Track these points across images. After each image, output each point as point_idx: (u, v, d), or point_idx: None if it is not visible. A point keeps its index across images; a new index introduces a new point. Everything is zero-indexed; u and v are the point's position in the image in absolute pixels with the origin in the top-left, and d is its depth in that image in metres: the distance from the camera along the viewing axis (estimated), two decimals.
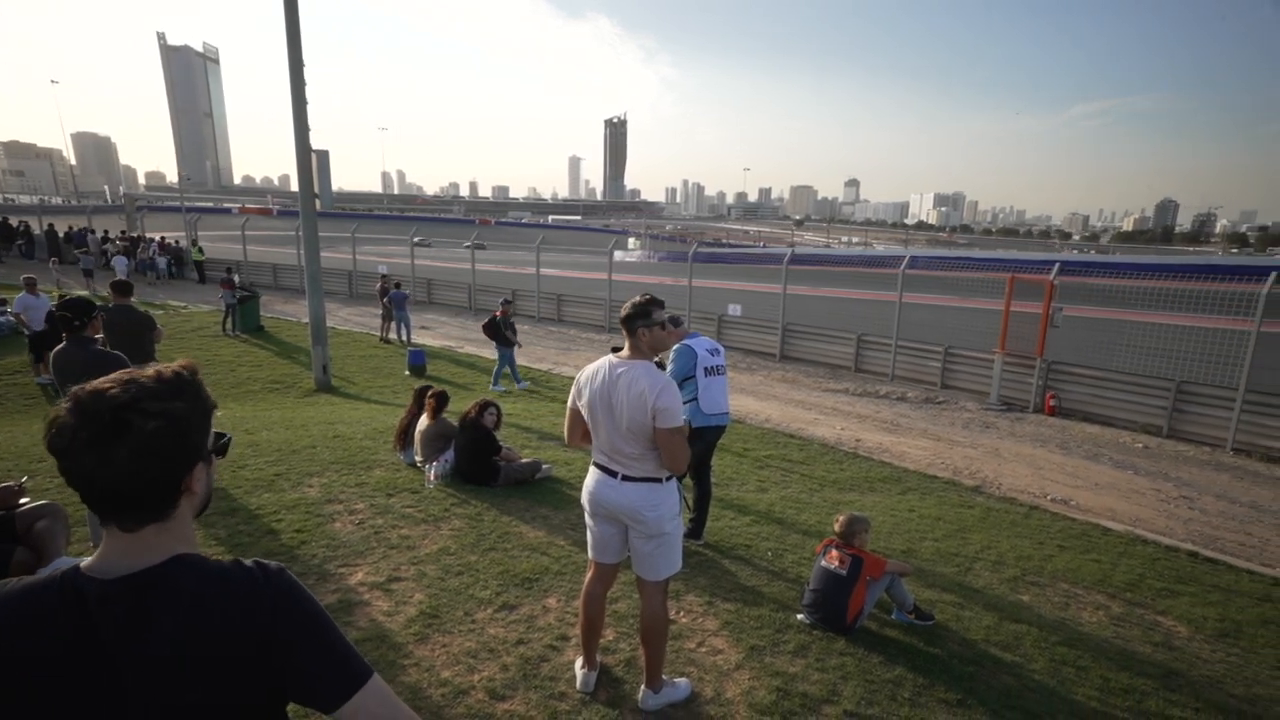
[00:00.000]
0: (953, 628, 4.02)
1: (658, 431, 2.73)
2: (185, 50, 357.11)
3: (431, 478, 5.84)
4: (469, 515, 5.19)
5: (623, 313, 2.91)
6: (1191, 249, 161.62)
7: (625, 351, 2.92)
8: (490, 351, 15.17)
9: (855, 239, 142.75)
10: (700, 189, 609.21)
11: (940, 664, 3.57)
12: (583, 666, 3.18)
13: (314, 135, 10.71)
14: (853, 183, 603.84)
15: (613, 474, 2.89)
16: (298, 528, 4.74)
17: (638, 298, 2.90)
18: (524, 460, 6.23)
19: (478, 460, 5.92)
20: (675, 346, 4.92)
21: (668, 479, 2.90)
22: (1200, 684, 3.74)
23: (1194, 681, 3.75)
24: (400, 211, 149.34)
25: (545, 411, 9.79)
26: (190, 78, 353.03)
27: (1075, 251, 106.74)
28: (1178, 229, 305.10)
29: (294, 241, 21.61)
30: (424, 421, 6.28)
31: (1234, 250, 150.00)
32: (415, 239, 25.40)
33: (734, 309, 16.69)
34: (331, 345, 12.45)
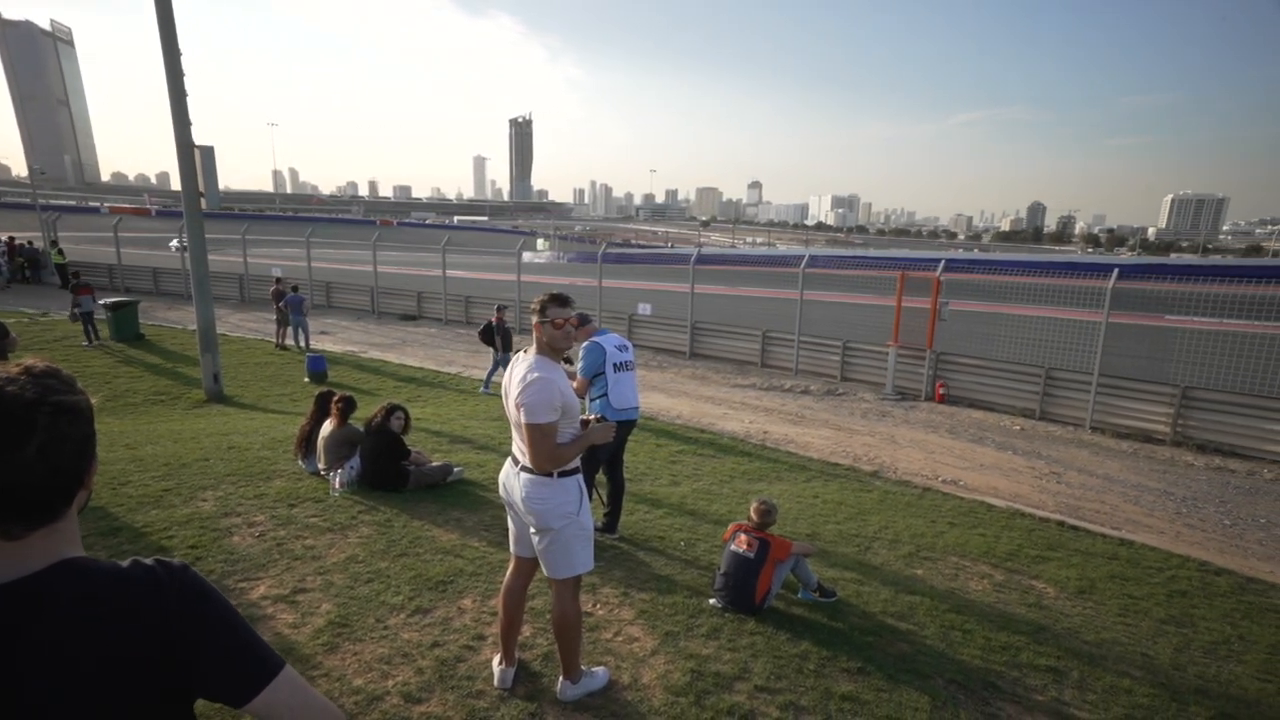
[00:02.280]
0: (853, 603, 4.29)
1: (523, 425, 2.77)
2: (27, 26, 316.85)
3: (336, 485, 5.64)
4: (378, 522, 5.06)
5: (530, 306, 2.98)
6: (1057, 248, 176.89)
7: (533, 347, 2.97)
8: (396, 357, 14.78)
9: (759, 239, 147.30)
10: (608, 190, 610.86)
11: (842, 636, 3.81)
12: (500, 663, 3.19)
13: (196, 130, 10.05)
14: (755, 185, 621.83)
15: (515, 462, 2.95)
16: (191, 543, 4.48)
17: (545, 293, 2.96)
18: (434, 464, 6.11)
19: (385, 465, 5.77)
20: (584, 344, 4.97)
21: (559, 474, 2.87)
22: (1062, 635, 4.16)
23: (1058, 634, 4.18)
24: (294, 212, 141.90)
25: (456, 415, 9.62)
26: (37, 59, 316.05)
27: (960, 250, 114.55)
28: (1046, 230, 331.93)
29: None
30: (327, 428, 6.06)
31: (1089, 250, 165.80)
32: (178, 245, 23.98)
33: (644, 308, 16.91)
34: (223, 353, 11.72)
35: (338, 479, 5.68)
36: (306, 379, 12.15)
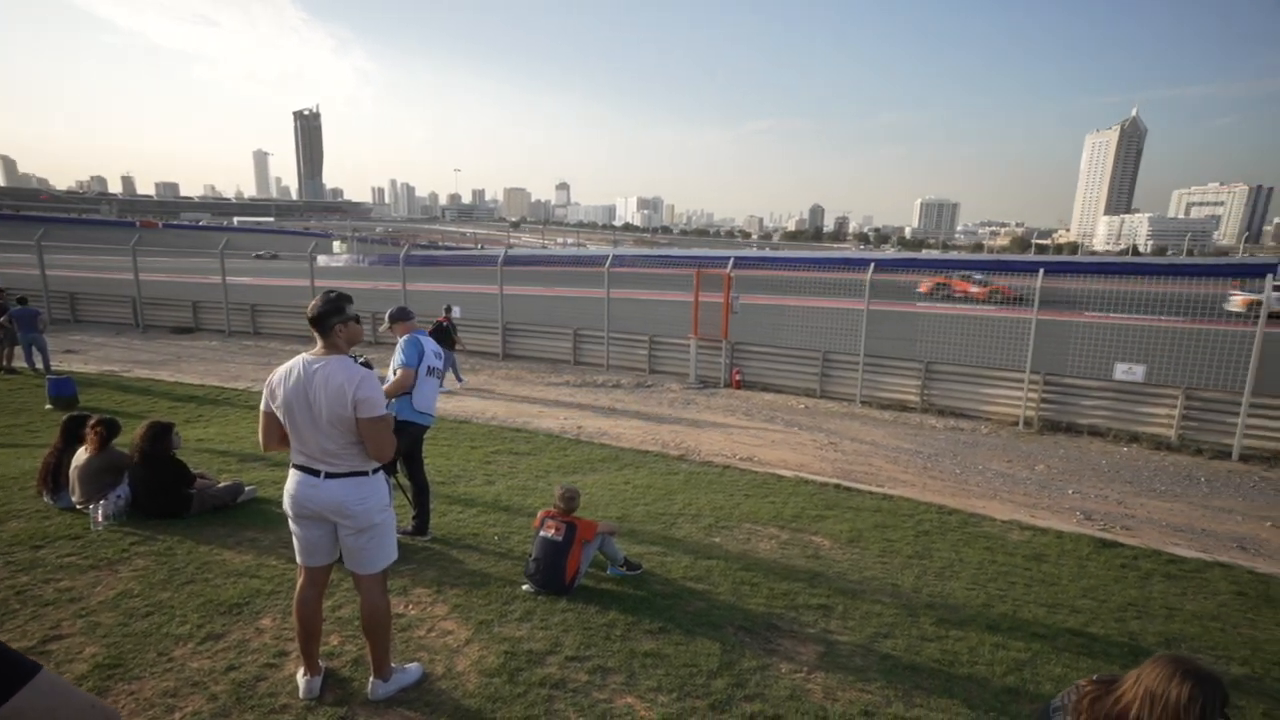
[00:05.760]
0: (657, 572, 4.66)
1: (360, 422, 2.79)
2: None
3: (99, 518, 4.98)
4: (156, 552, 4.58)
5: (312, 312, 2.89)
6: (834, 245, 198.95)
7: (319, 349, 2.91)
8: (170, 374, 13.13)
9: (570, 240, 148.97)
10: (410, 190, 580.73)
11: (645, 603, 4.15)
12: (305, 674, 3.10)
13: None
14: (564, 186, 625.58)
15: (315, 473, 2.88)
16: None
17: (327, 294, 2.93)
18: (222, 484, 5.62)
19: (165, 490, 5.20)
20: (404, 337, 4.90)
21: (374, 471, 2.95)
22: (833, 578, 4.85)
23: (830, 578, 4.86)
24: (15, 210, 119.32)
25: (247, 432, 8.81)
26: None
27: (754, 249, 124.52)
28: (825, 229, 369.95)
29: None
30: (82, 455, 5.32)
31: (861, 246, 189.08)
32: None
33: (454, 310, 16.52)
34: None
35: (100, 511, 5.02)
36: (48, 405, 10.41)
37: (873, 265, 12.32)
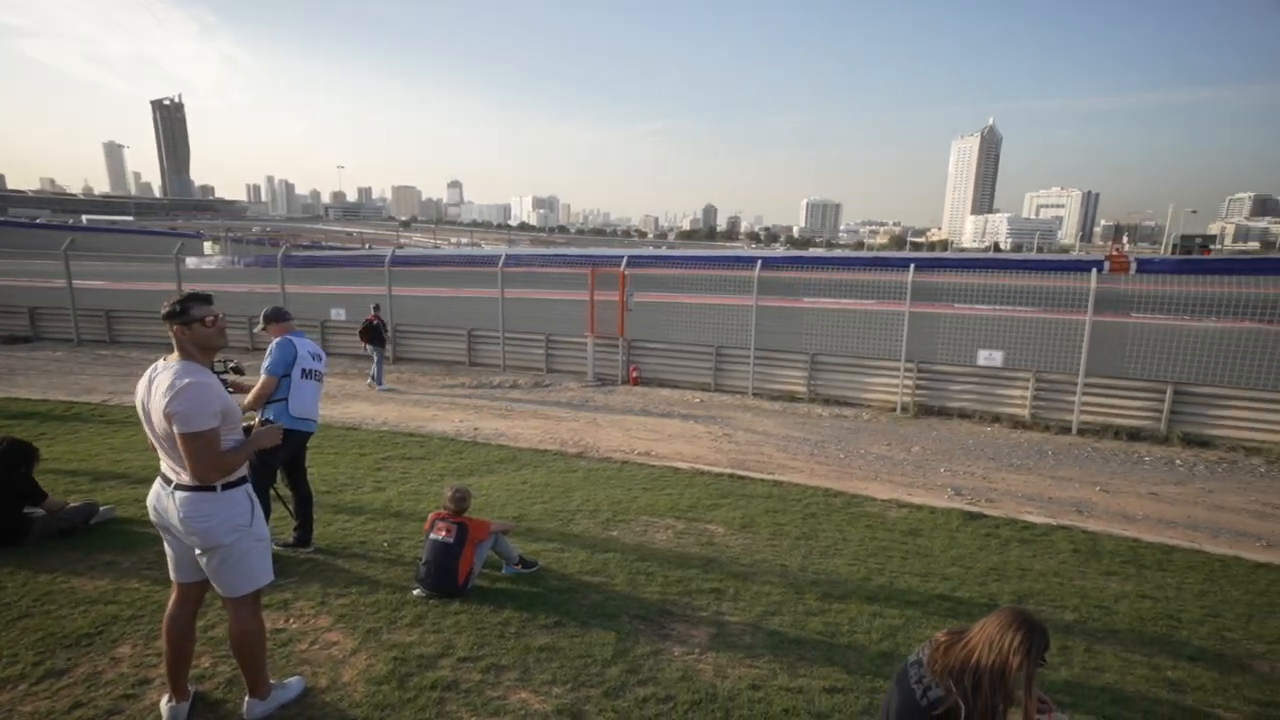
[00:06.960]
0: (554, 569, 4.67)
1: (176, 436, 2.59)
2: None
3: None
4: None
5: (160, 312, 2.72)
6: (727, 244, 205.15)
7: (174, 354, 2.73)
8: (2, 389, 11.75)
9: (464, 240, 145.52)
10: (290, 187, 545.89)
11: (541, 599, 4.15)
12: (169, 700, 2.88)
13: None
14: (456, 184, 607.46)
15: (167, 481, 2.72)
16: None
17: (175, 296, 2.75)
18: (73, 505, 5.10)
19: None
20: (277, 339, 4.65)
21: (224, 487, 2.72)
22: (726, 563, 5.02)
23: (723, 563, 5.02)
24: None
25: (103, 449, 8.04)
26: None
27: (650, 248, 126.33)
28: (718, 229, 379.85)
29: None
30: None
31: (753, 245, 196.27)
32: None
33: (337, 313, 15.79)
34: None
35: None
36: None
37: (759, 263, 12.80)
